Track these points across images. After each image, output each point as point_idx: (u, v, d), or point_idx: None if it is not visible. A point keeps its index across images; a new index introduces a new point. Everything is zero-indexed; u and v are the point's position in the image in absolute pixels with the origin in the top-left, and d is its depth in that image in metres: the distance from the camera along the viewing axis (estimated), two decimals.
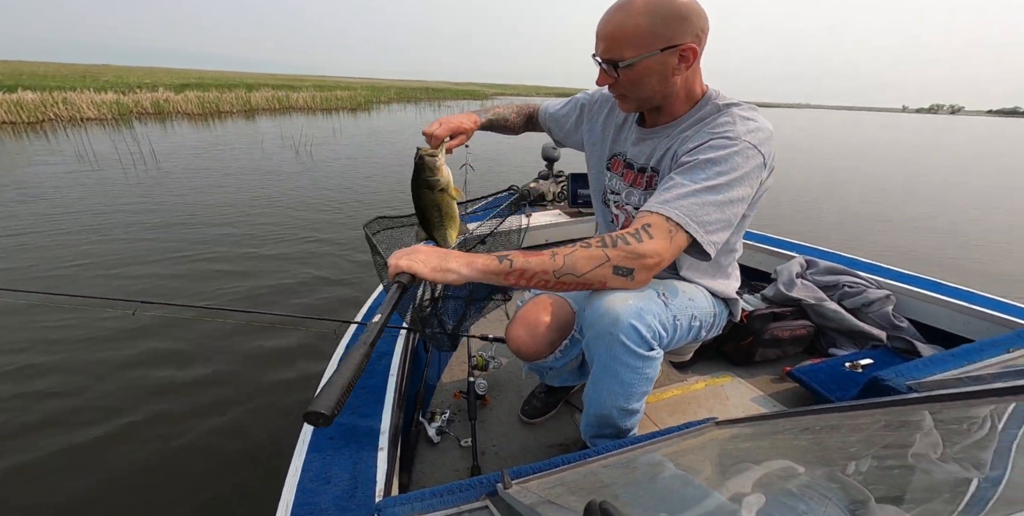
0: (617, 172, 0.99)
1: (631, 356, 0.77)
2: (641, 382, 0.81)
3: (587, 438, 0.96)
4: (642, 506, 0.44)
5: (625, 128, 0.98)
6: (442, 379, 1.43)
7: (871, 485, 0.34)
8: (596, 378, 0.84)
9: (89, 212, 4.05)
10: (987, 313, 1.28)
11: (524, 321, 0.94)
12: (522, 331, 0.93)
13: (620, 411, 0.85)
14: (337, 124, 12.96)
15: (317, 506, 0.69)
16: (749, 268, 1.84)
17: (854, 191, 6.88)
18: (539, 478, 0.64)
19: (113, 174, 5.51)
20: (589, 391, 0.88)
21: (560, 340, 0.95)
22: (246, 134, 9.94)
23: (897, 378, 0.85)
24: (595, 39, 0.79)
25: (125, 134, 8.86)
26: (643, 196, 0.92)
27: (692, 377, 1.39)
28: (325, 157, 7.41)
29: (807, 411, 0.64)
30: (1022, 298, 1.37)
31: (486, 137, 1.60)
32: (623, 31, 0.74)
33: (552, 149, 2.74)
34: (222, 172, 5.91)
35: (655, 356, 0.80)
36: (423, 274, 0.70)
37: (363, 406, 0.92)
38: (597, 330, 0.78)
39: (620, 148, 0.98)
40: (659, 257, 0.71)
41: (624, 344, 0.76)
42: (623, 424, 0.89)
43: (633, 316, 0.75)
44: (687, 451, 0.64)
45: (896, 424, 0.50)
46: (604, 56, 0.78)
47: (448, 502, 0.62)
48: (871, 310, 1.44)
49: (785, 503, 0.36)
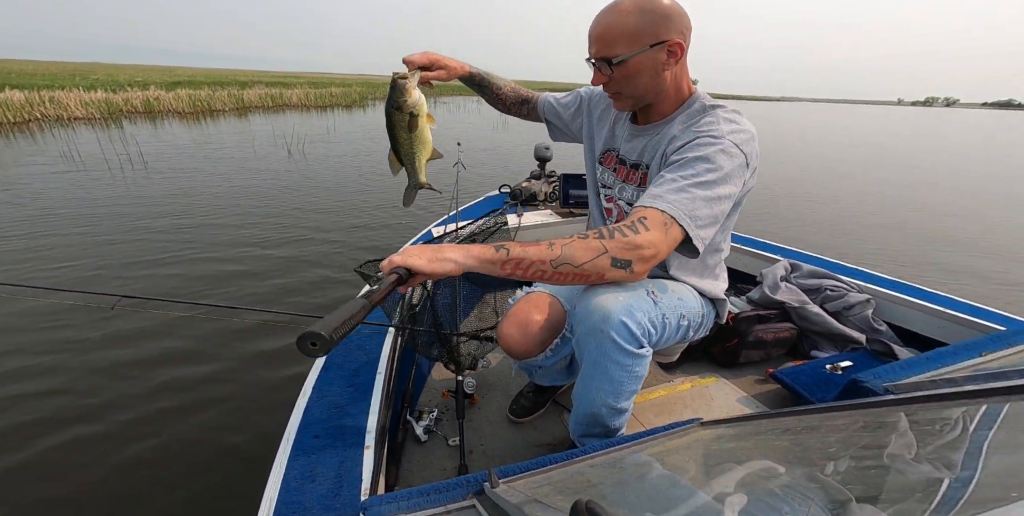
0: (609, 167, 1.02)
1: (621, 353, 0.78)
2: (630, 380, 0.82)
3: (575, 437, 0.97)
4: (628, 506, 0.44)
5: (619, 124, 1.01)
6: (430, 378, 1.43)
7: (849, 485, 0.35)
8: (586, 375, 0.84)
9: (73, 213, 3.94)
10: (962, 318, 1.32)
11: (516, 319, 0.95)
12: (514, 329, 0.94)
13: (609, 409, 0.86)
14: (331, 121, 12.76)
15: (301, 504, 0.69)
16: (735, 271, 1.87)
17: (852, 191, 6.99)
18: (526, 477, 0.64)
19: (99, 175, 5.36)
20: (579, 389, 0.88)
21: (551, 339, 0.96)
22: (239, 132, 9.75)
23: (875, 380, 0.87)
24: (588, 42, 0.83)
25: (114, 133, 8.61)
26: (636, 192, 0.94)
27: (679, 378, 1.41)
28: (319, 154, 7.30)
29: (789, 412, 0.65)
30: (996, 303, 1.42)
31: (481, 136, 1.58)
32: (614, 30, 0.79)
33: (544, 149, 2.74)
34: (211, 172, 5.79)
35: (645, 354, 0.81)
36: (420, 266, 0.69)
37: (350, 404, 0.92)
38: (588, 326, 0.78)
39: (614, 143, 1.01)
40: (655, 248, 0.72)
41: (615, 341, 0.77)
42: (612, 423, 0.89)
43: (623, 313, 0.76)
44: (673, 451, 0.65)
45: (873, 425, 0.51)
46: (598, 55, 0.82)
47: (435, 501, 0.62)
48: (851, 313, 1.48)
49: (767, 503, 0.37)
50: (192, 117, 12.66)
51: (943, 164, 10.30)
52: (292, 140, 8.56)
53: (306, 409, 0.91)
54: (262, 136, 9.14)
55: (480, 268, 0.71)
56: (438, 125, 0.89)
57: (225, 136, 9.17)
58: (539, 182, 2.54)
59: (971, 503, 0.31)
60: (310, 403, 0.92)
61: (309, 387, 0.97)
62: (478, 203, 2.54)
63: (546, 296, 1.00)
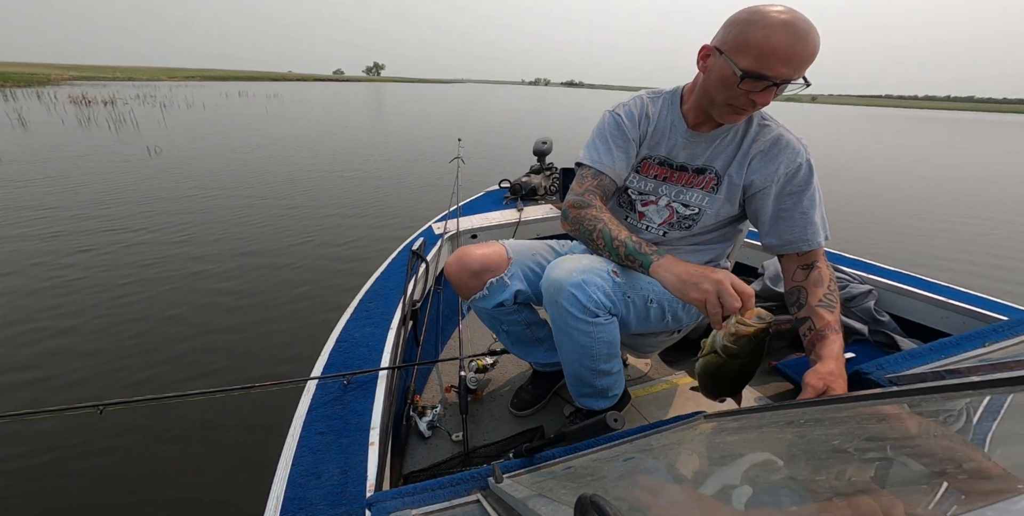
0: (647, 174, 1.02)
1: (577, 321, 0.88)
2: (597, 344, 0.91)
3: (575, 398, 1.08)
4: (632, 499, 0.44)
5: (660, 133, 1.00)
6: (433, 373, 1.43)
7: (853, 477, 0.35)
8: (559, 342, 0.96)
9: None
10: (965, 308, 1.32)
11: (458, 253, 1.07)
12: (453, 260, 1.06)
13: (591, 371, 0.96)
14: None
15: (308, 501, 0.69)
16: (737, 263, 1.87)
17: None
18: (530, 472, 0.65)
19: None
20: (560, 355, 0.99)
21: (487, 274, 1.04)
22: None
23: (877, 371, 0.87)
24: (778, 61, 0.75)
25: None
26: (705, 196, 0.97)
27: (680, 372, 1.41)
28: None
29: (792, 404, 0.65)
30: (999, 293, 1.42)
31: (478, 132, 1.53)
32: (814, 50, 0.75)
33: (542, 143, 2.73)
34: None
35: (602, 322, 0.89)
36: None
37: (354, 401, 0.92)
38: (548, 297, 0.90)
39: (654, 151, 1.01)
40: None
41: (567, 310, 0.87)
42: (598, 383, 1.00)
43: (573, 286, 0.85)
44: (676, 444, 0.66)
45: (877, 417, 0.51)
46: (795, 75, 0.77)
47: (440, 496, 0.63)
48: (854, 305, 1.48)
49: (771, 495, 0.37)
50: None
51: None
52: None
53: (310, 406, 0.91)
54: None
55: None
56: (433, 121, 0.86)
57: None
58: (539, 177, 2.53)
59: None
60: (314, 400, 0.93)
61: (313, 384, 0.97)
62: (478, 198, 2.53)
63: (495, 243, 1.10)
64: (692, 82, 0.96)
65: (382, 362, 1.04)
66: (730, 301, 0.71)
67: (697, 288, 0.74)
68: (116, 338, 2.17)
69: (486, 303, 1.06)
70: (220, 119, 12.95)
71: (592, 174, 0.99)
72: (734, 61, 0.77)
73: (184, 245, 3.39)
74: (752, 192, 0.93)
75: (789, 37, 0.73)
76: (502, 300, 1.05)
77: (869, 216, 5.32)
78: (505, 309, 1.08)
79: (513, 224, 2.03)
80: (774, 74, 0.75)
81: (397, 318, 1.22)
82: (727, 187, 0.94)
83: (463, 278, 1.05)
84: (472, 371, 1.30)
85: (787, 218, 0.90)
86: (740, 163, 0.93)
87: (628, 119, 1.00)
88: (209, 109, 16.39)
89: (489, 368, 1.36)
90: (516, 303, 1.08)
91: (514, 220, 2.04)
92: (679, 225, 1.01)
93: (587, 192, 0.97)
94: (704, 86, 0.87)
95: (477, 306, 1.10)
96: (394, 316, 1.23)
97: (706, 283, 0.73)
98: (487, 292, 1.05)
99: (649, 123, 1.00)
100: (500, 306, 1.07)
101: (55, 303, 2.46)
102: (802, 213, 0.89)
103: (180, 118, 12.74)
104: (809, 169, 0.90)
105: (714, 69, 0.83)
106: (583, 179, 1.00)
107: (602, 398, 1.04)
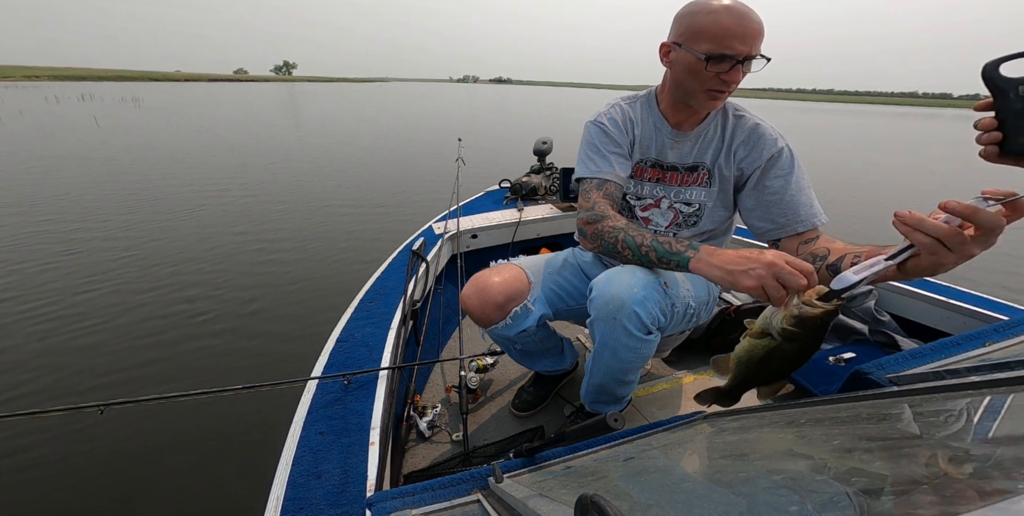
0: (642, 178, 1.03)
1: (631, 338, 0.85)
2: (637, 359, 0.90)
3: (586, 402, 1.06)
4: (632, 499, 0.44)
5: (647, 136, 1.00)
6: (434, 373, 1.43)
7: (854, 477, 0.35)
8: (597, 354, 0.92)
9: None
10: (965, 308, 1.32)
11: (475, 281, 1.01)
12: (471, 290, 1.00)
13: (617, 382, 0.96)
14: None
15: (308, 501, 0.69)
16: None
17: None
18: (530, 472, 0.65)
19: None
20: (590, 362, 0.96)
21: (510, 305, 0.99)
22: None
23: (878, 371, 0.87)
24: (733, 39, 0.79)
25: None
26: (704, 192, 0.99)
27: (681, 371, 1.41)
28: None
29: (792, 404, 0.65)
30: (1000, 293, 1.42)
31: (479, 131, 1.53)
32: (760, 26, 0.80)
33: (542, 143, 2.73)
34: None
35: (652, 339, 0.88)
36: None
37: (354, 401, 0.92)
38: (604, 313, 0.85)
39: (645, 155, 1.02)
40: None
41: (625, 328, 0.84)
42: (619, 392, 0.99)
43: (637, 304, 0.82)
44: (676, 444, 0.66)
45: (877, 417, 0.51)
46: (754, 51, 0.81)
47: (440, 496, 0.63)
48: (854, 304, 1.48)
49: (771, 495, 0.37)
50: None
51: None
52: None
53: (311, 406, 0.91)
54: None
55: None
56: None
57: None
58: (539, 176, 2.53)
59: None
60: (315, 400, 0.93)
61: (313, 384, 0.97)
62: (478, 198, 2.53)
63: (512, 266, 1.05)
64: (662, 83, 0.98)
65: (382, 362, 1.04)
66: (793, 280, 0.62)
67: (749, 275, 0.66)
68: (116, 338, 2.17)
69: (508, 332, 1.01)
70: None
71: (595, 185, 0.96)
72: (694, 49, 0.82)
73: (184, 248, 3.39)
74: (742, 180, 0.96)
75: (734, 16, 0.78)
76: (525, 327, 1.00)
77: (867, 215, 5.31)
78: (526, 334, 1.03)
79: (513, 224, 2.03)
80: (734, 52, 0.80)
81: (397, 318, 1.22)
82: (719, 179, 0.98)
83: (486, 311, 0.98)
84: (472, 371, 1.30)
85: (778, 201, 0.90)
86: (727, 155, 0.96)
87: (613, 126, 0.99)
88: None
89: (489, 368, 1.36)
90: (537, 326, 1.03)
91: (514, 220, 2.03)
92: (686, 223, 1.02)
93: (596, 204, 0.93)
94: (675, 79, 0.90)
95: (497, 334, 1.04)
96: (394, 316, 1.23)
97: (759, 268, 0.65)
98: (510, 321, 1.00)
99: (635, 127, 1.01)
100: (522, 332, 1.02)
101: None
102: (792, 195, 0.89)
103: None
104: (791, 153, 0.92)
105: (679, 62, 0.86)
106: (587, 193, 0.96)
107: (616, 404, 1.04)
